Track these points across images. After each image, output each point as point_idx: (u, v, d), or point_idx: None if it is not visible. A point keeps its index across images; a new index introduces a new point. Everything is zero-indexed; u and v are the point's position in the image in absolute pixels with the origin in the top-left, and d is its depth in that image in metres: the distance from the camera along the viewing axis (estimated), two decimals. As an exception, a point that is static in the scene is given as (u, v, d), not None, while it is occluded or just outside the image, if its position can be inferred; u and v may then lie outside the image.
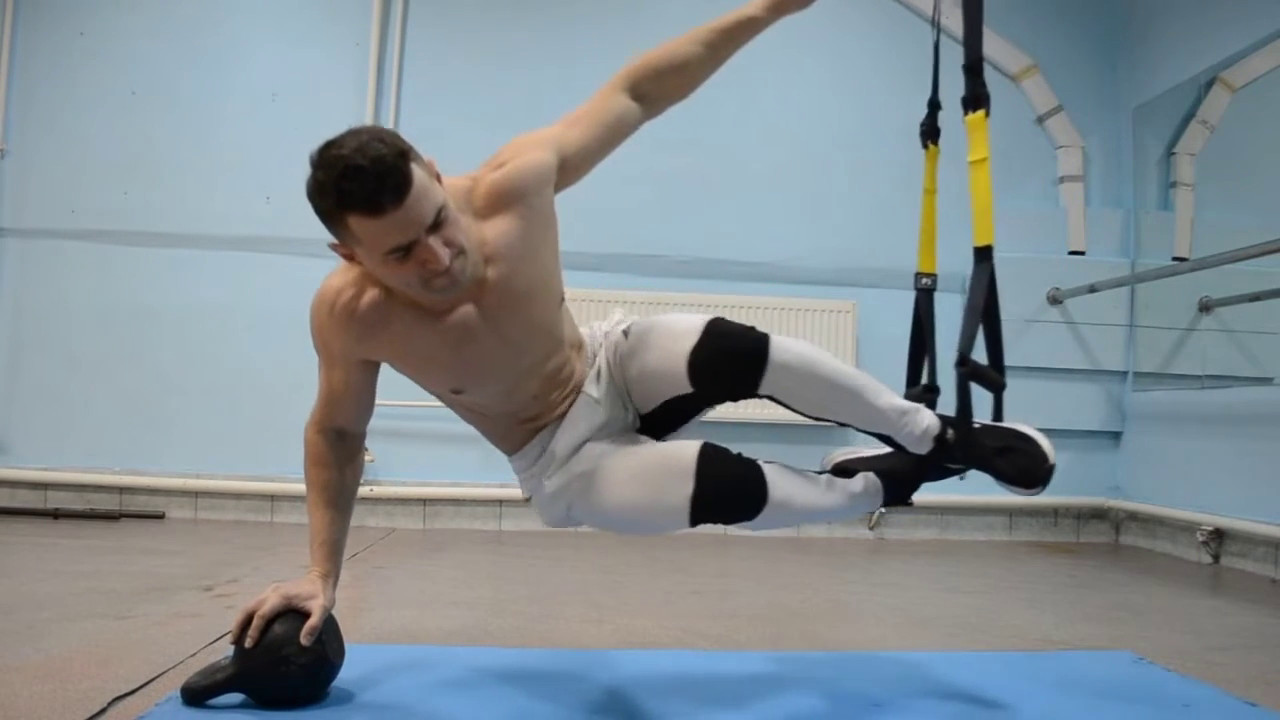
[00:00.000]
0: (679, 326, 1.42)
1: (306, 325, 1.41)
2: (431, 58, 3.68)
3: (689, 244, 3.68)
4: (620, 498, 1.39)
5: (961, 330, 1.49)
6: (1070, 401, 3.66)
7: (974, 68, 1.57)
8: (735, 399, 1.43)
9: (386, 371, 1.46)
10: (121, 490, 3.47)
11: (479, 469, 3.55)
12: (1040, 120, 3.84)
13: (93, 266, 3.54)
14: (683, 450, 1.38)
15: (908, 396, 1.55)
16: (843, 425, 1.47)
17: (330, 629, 1.41)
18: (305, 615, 1.37)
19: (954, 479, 1.57)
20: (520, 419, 1.48)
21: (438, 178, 1.26)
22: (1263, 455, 2.98)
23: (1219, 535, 3.13)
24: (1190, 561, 3.22)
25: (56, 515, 3.37)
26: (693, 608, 2.25)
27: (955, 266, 4.07)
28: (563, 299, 1.45)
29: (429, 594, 2.31)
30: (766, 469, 1.40)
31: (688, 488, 1.34)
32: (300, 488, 1.50)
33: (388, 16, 3.65)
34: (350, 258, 1.29)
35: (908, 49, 3.78)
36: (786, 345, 1.37)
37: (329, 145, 1.19)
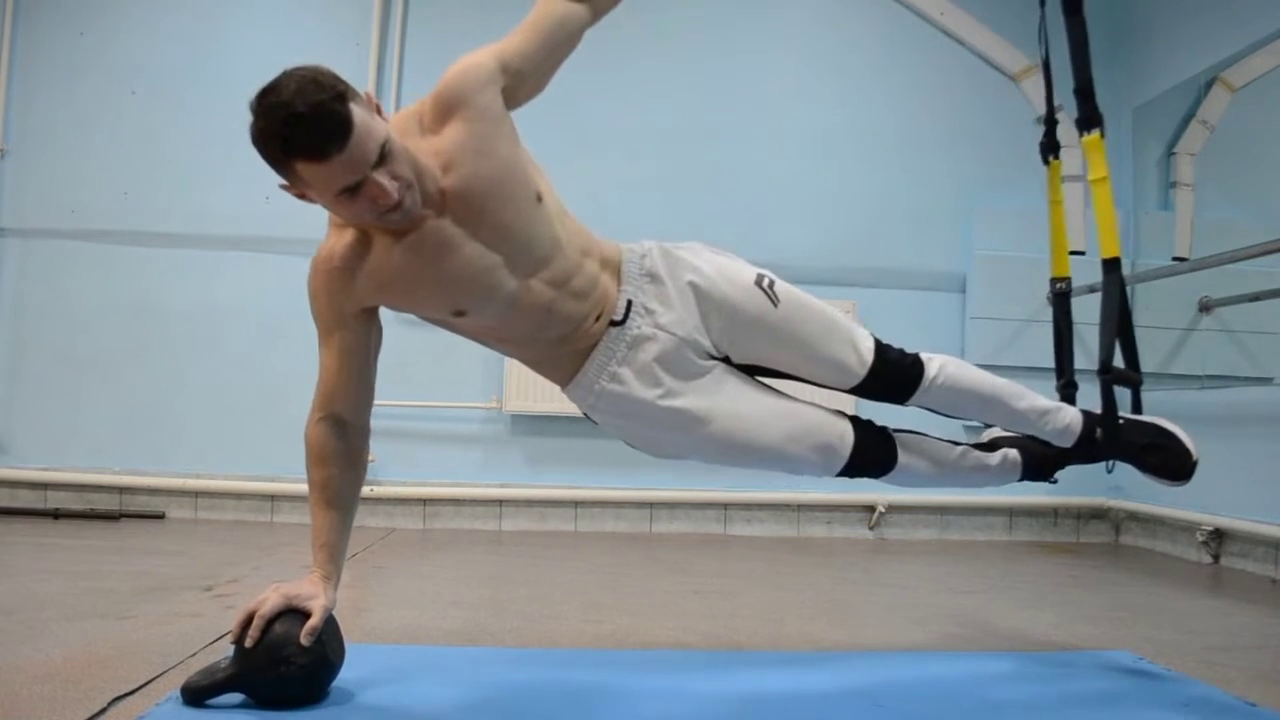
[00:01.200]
0: (844, 330, 1.58)
1: (307, 324, 1.42)
2: (431, 58, 3.68)
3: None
4: (775, 441, 1.53)
5: (1100, 340, 1.66)
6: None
7: (1085, 91, 1.71)
8: (877, 400, 1.64)
9: (387, 371, 1.46)
10: (121, 490, 3.47)
11: (479, 469, 3.56)
12: (1040, 120, 3.84)
13: (93, 266, 3.54)
14: (841, 422, 1.58)
15: (1057, 389, 1.77)
16: (989, 426, 1.68)
17: (330, 629, 1.41)
18: (306, 615, 1.37)
19: (1101, 466, 1.74)
20: (550, 339, 1.48)
21: (378, 110, 1.28)
22: (1263, 455, 2.98)
23: (1219, 535, 3.13)
24: (1190, 561, 3.22)
25: (56, 515, 3.37)
26: (693, 608, 2.25)
27: (950, 266, 4.08)
28: (541, 197, 1.41)
29: (429, 594, 2.31)
30: (897, 440, 1.61)
31: (845, 451, 1.56)
32: (301, 488, 1.50)
33: (388, 16, 3.65)
34: (303, 197, 1.31)
35: (907, 50, 3.79)
36: (933, 373, 1.58)
37: (266, 91, 1.20)
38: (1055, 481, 1.77)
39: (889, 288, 3.70)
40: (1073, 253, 3.71)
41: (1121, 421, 1.65)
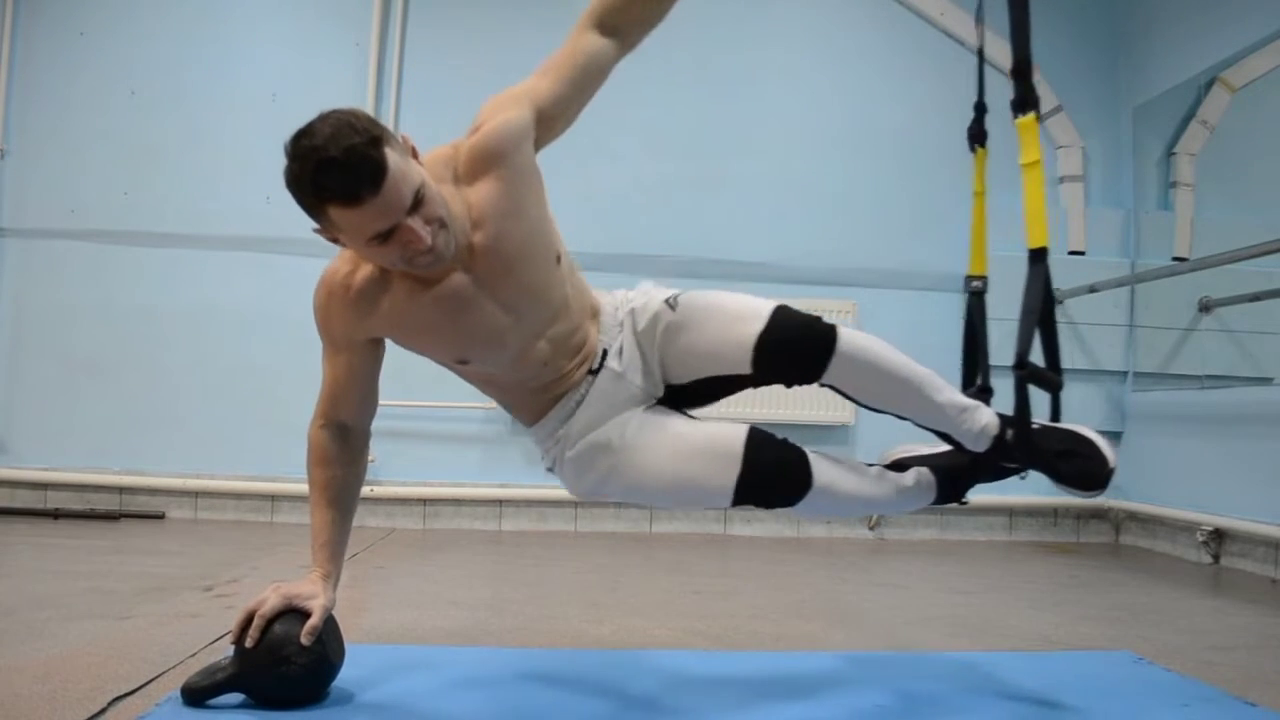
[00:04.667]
0: (740, 308, 1.42)
1: (307, 324, 1.42)
2: (431, 58, 3.68)
3: (689, 244, 3.68)
4: (665, 474, 1.41)
5: (1018, 333, 1.49)
6: (1070, 401, 3.58)
7: (1022, 70, 1.57)
8: (792, 385, 1.45)
9: (387, 371, 1.46)
10: (121, 490, 3.47)
11: (479, 469, 3.55)
12: (1040, 120, 3.84)
13: (93, 266, 3.54)
14: (731, 433, 1.40)
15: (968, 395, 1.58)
16: (902, 419, 1.49)
17: (330, 629, 1.41)
18: (306, 615, 1.37)
19: (1013, 479, 1.59)
20: (533, 387, 1.47)
21: (414, 153, 1.27)
22: (1263, 455, 2.98)
23: (1219, 535, 3.13)
24: (1190, 561, 3.22)
25: (56, 515, 3.37)
26: (693, 608, 2.25)
27: (950, 266, 4.07)
28: (560, 257, 1.41)
29: (429, 594, 2.31)
30: (812, 456, 1.42)
31: (735, 470, 1.38)
32: (301, 488, 1.50)
33: (388, 17, 3.65)
34: (335, 241, 1.29)
35: (907, 49, 3.79)
36: (853, 338, 1.39)
37: (301, 134, 1.19)
38: (965, 503, 1.62)
39: (889, 288, 3.69)
40: (1072, 253, 3.75)
41: (1036, 426, 1.49)
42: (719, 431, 1.42)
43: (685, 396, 1.52)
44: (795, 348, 1.39)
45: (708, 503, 1.43)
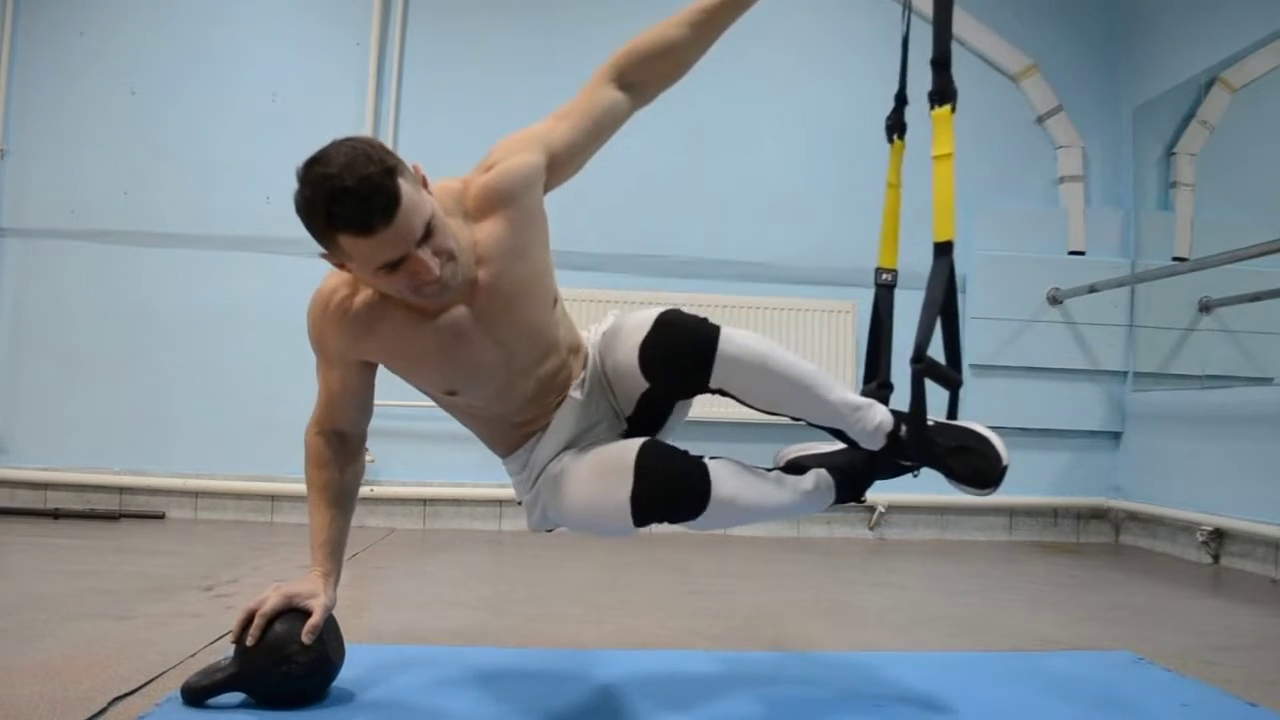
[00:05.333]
0: (638, 320, 1.39)
1: (306, 325, 1.41)
2: (432, 59, 3.68)
3: (689, 244, 3.68)
4: (576, 499, 1.36)
5: (918, 325, 1.44)
6: (1070, 401, 3.66)
7: (942, 62, 1.52)
8: (689, 394, 1.42)
9: (383, 370, 1.46)
10: (121, 490, 3.47)
11: (479, 469, 3.55)
12: (1040, 120, 3.84)
13: (93, 266, 3.54)
14: (625, 448, 1.35)
15: (863, 392, 1.54)
16: (795, 420, 1.44)
17: (331, 628, 1.41)
18: (306, 614, 1.37)
19: (907, 477, 1.56)
20: (514, 422, 1.48)
21: (424, 183, 1.27)
22: (1263, 455, 2.98)
23: (1219, 535, 3.13)
24: (1190, 561, 3.22)
25: (56, 515, 3.37)
26: (693, 608, 2.25)
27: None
28: (556, 300, 1.44)
29: (429, 594, 2.31)
30: (712, 466, 1.35)
31: (627, 486, 1.30)
32: (301, 488, 1.50)
33: (388, 18, 3.65)
34: (342, 267, 1.30)
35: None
36: (735, 338, 1.33)
37: (314, 161, 1.18)
38: (863, 501, 1.60)
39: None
40: (1072, 253, 3.75)
41: (930, 422, 1.45)
42: (616, 449, 1.36)
43: (641, 425, 1.49)
44: (676, 350, 1.34)
45: (613, 525, 1.33)
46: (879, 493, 3.52)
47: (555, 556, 2.96)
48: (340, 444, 1.47)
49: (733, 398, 1.39)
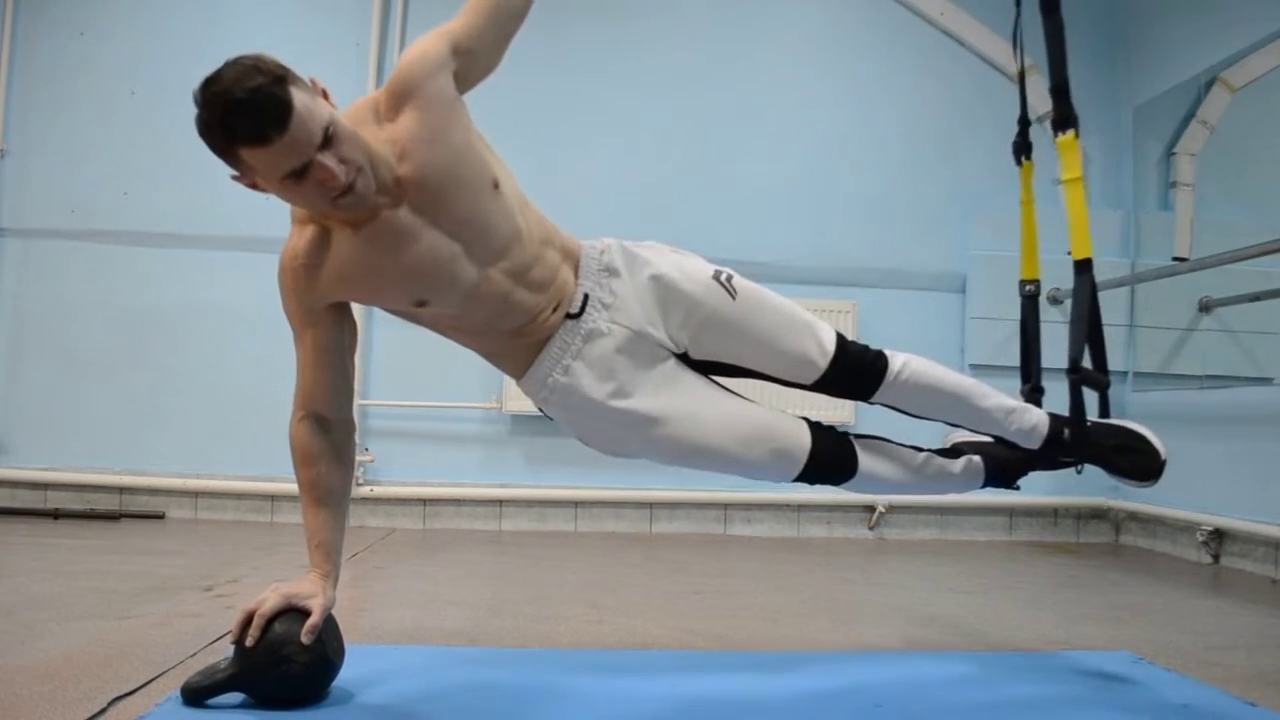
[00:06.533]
0: (805, 322, 1.55)
1: (280, 300, 1.45)
2: (431, 58, 3.68)
3: (689, 244, 3.63)
4: (728, 444, 1.50)
5: (1070, 340, 1.65)
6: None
7: (1060, 90, 1.65)
8: (835, 396, 1.61)
9: (385, 370, 1.46)
10: (121, 490, 3.47)
11: (479, 469, 3.55)
12: (1040, 120, 3.84)
13: (93, 266, 3.54)
14: (797, 424, 1.55)
15: (1023, 394, 1.73)
16: (953, 426, 1.63)
17: (330, 628, 1.41)
18: (306, 614, 1.37)
19: (1069, 471, 1.71)
20: (507, 330, 1.47)
21: (324, 94, 1.28)
22: (1263, 455, 2.98)
23: (1219, 535, 3.13)
24: (1190, 561, 3.22)
25: (56, 515, 3.37)
26: (693, 608, 2.25)
27: (949, 266, 4.08)
28: (497, 184, 1.39)
29: (429, 594, 2.31)
30: (857, 445, 1.57)
31: (802, 455, 1.52)
32: (300, 488, 1.50)
33: (388, 18, 3.65)
34: (254, 186, 1.30)
35: (907, 50, 3.79)
36: (898, 368, 1.55)
37: (208, 82, 1.19)
38: (1018, 488, 1.73)
39: (889, 288, 3.69)
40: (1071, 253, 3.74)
41: (1089, 423, 1.62)
42: (784, 420, 1.54)
43: (696, 365, 1.56)
44: (853, 378, 1.55)
45: (773, 476, 1.56)
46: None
47: (555, 556, 2.96)
48: (323, 432, 1.45)
49: (890, 408, 1.60)
